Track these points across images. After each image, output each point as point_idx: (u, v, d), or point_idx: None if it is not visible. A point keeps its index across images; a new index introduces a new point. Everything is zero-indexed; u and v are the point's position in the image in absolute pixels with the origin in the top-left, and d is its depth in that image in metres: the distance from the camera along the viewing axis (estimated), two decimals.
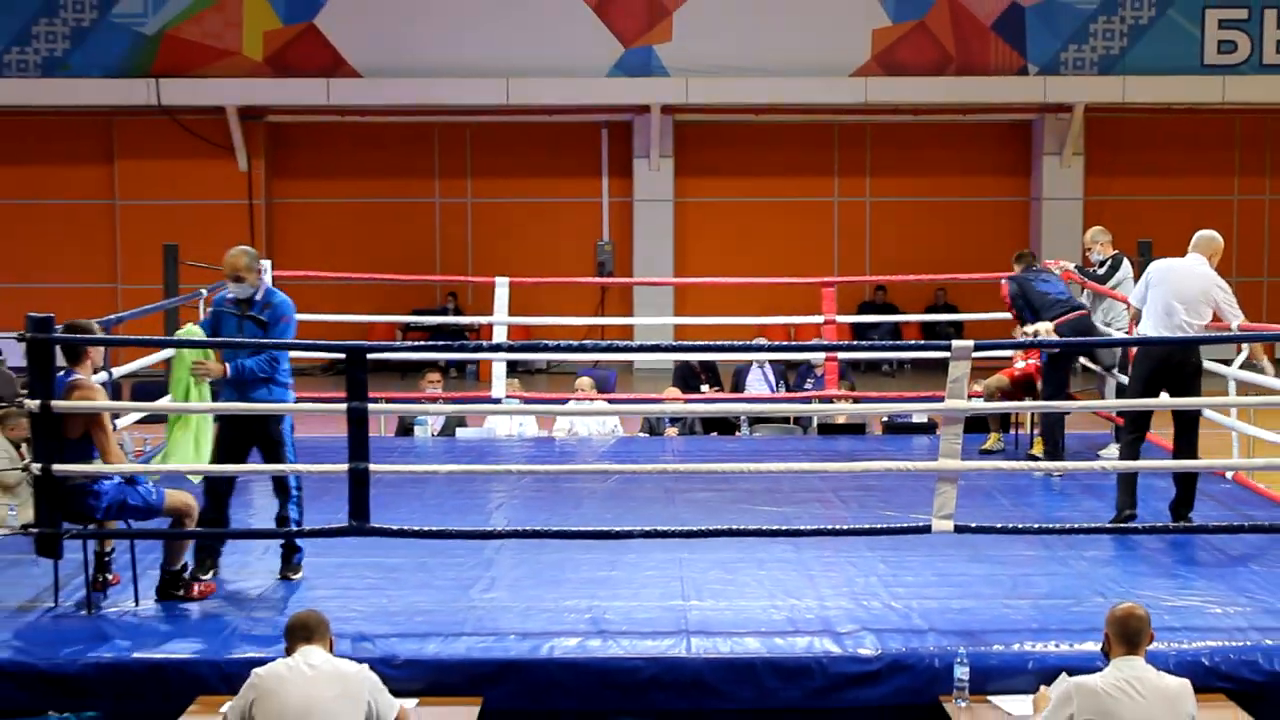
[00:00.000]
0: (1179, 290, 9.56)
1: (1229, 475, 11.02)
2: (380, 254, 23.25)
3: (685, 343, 19.46)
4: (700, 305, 23.56)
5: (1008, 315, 12.20)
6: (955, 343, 7.98)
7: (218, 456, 8.67)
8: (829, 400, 13.99)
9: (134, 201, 24.28)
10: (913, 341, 23.75)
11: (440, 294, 24.70)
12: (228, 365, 8.36)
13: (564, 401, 14.08)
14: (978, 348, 8.08)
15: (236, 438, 8.63)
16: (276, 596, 8.35)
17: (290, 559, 8.67)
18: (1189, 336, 9.44)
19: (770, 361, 15.75)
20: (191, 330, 8.69)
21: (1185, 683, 6.51)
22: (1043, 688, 6.93)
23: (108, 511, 8.04)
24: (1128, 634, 6.53)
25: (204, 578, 8.49)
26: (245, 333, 8.55)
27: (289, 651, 6.67)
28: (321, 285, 17.96)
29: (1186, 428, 9.63)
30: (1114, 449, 12.05)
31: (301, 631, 6.70)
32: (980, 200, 24.46)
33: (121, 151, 24.33)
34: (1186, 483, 9.61)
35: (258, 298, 8.62)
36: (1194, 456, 9.63)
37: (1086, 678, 6.50)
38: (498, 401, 13.37)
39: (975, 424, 12.31)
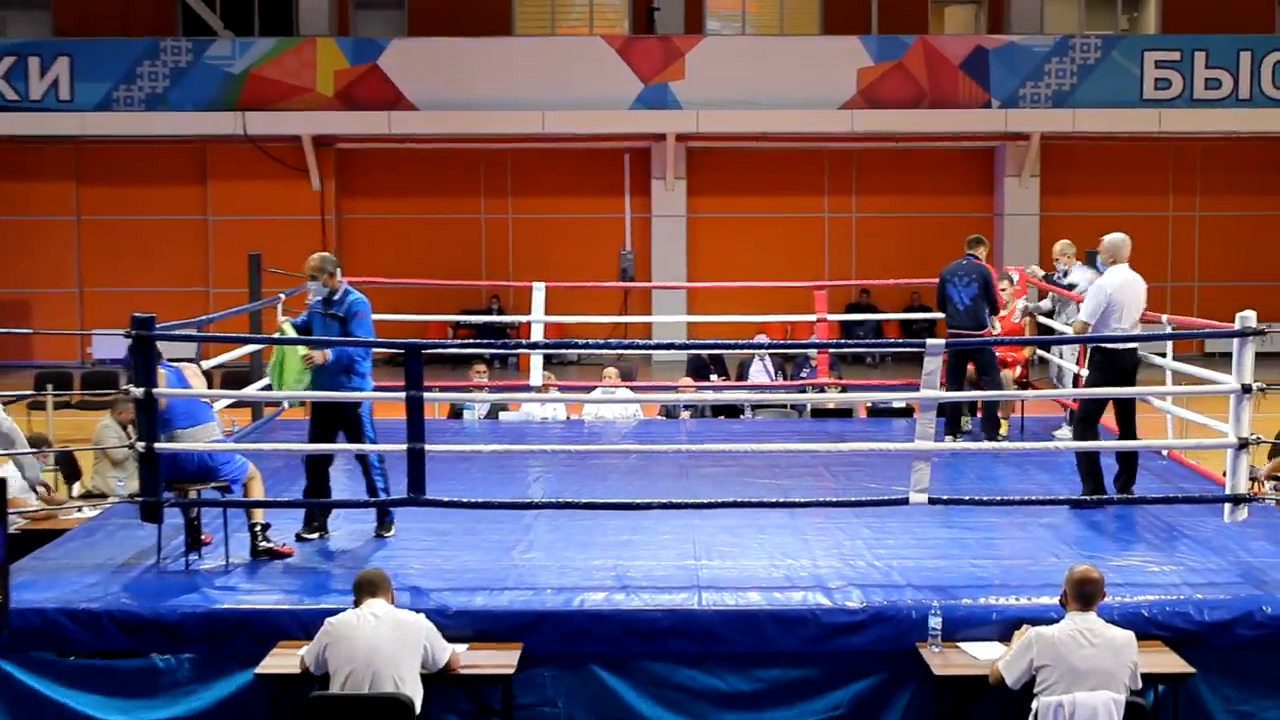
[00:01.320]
0: (1136, 304, 9.45)
1: (1165, 453, 10.99)
2: (434, 262, 23.31)
3: (696, 341, 19.43)
4: (709, 306, 23.54)
5: None
6: (929, 341, 7.98)
7: (311, 436, 8.81)
8: (821, 388, 13.96)
9: (223, 217, 24.33)
10: (893, 340, 23.70)
11: (485, 296, 24.71)
12: (329, 353, 8.49)
13: (592, 389, 14.06)
14: (948, 346, 8.08)
15: (324, 421, 8.76)
16: (346, 556, 8.38)
17: (384, 519, 8.80)
18: (1134, 334, 9.40)
19: (770, 355, 15.72)
20: (284, 326, 8.78)
21: (1130, 634, 6.52)
22: (1025, 625, 6.93)
23: (232, 476, 8.24)
24: (1083, 593, 6.56)
25: (310, 537, 8.61)
26: (330, 329, 8.67)
27: (357, 603, 6.70)
28: (383, 289, 17.96)
29: (1129, 413, 9.67)
30: (1067, 430, 12.03)
31: (368, 586, 6.74)
32: (950, 216, 24.34)
33: (213, 174, 24.38)
34: (1129, 461, 9.62)
35: (336, 297, 8.70)
36: (1133, 437, 9.65)
37: (1045, 628, 6.52)
38: (535, 390, 13.39)
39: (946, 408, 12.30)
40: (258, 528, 8.22)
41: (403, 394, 7.93)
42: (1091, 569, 6.65)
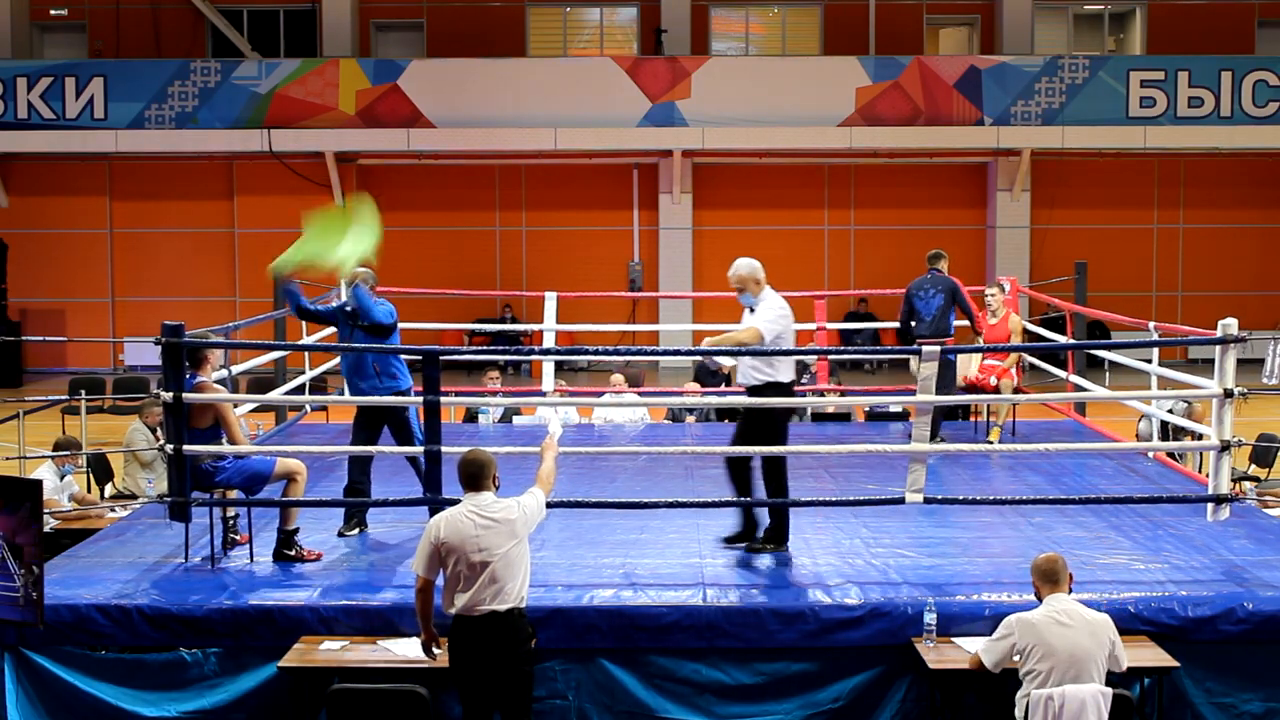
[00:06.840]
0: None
1: (1150, 455, 10.96)
2: (450, 273, 23.29)
3: (699, 348, 19.33)
4: (714, 314, 23.40)
5: (964, 323, 12.04)
6: (925, 348, 7.97)
7: (356, 436, 8.86)
8: (821, 393, 13.94)
9: (250, 230, 24.34)
10: (889, 346, 23.62)
11: (500, 305, 24.70)
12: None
13: (601, 395, 14.05)
14: (943, 352, 8.07)
15: (370, 422, 8.85)
16: (371, 553, 8.39)
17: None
18: (1126, 342, 9.35)
19: None
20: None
21: (1106, 617, 6.53)
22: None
23: (228, 482, 8.09)
24: (1049, 576, 6.62)
25: (350, 534, 8.64)
26: (352, 335, 8.89)
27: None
28: (402, 299, 17.92)
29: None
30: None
31: (465, 479, 6.62)
32: (944, 228, 24.31)
33: (240, 189, 24.42)
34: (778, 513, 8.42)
35: (349, 307, 8.90)
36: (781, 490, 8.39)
37: (1025, 613, 6.53)
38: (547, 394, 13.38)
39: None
40: (284, 534, 8.18)
41: (420, 399, 7.94)
42: (1051, 554, 6.69)
